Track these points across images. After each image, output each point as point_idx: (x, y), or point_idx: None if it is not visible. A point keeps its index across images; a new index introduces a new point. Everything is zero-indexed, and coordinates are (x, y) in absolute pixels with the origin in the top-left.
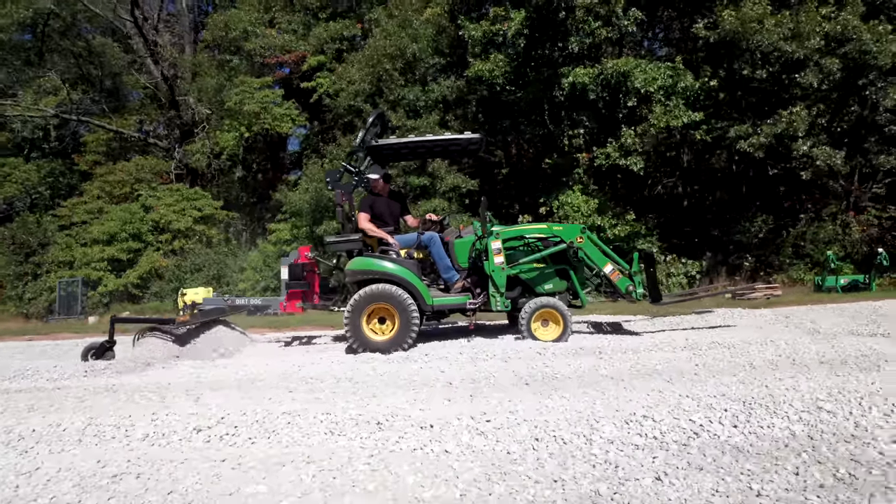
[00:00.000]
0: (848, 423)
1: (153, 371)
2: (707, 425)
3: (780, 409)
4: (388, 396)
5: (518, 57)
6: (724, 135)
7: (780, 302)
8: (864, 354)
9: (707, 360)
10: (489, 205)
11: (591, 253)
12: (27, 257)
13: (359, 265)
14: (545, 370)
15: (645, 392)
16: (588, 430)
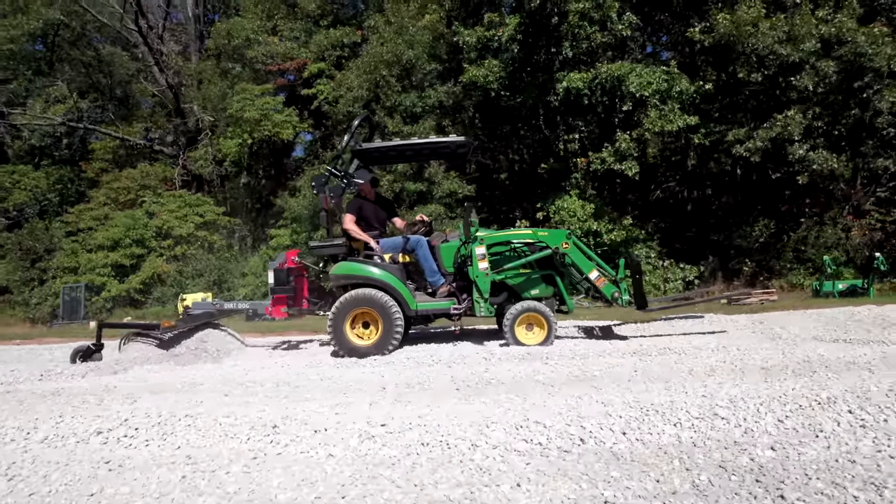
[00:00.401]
0: (737, 430)
1: (115, 375)
2: (597, 432)
3: (676, 415)
4: (316, 401)
5: (514, 62)
6: (722, 139)
7: (771, 307)
8: (808, 360)
9: (650, 365)
10: (476, 210)
11: (577, 259)
12: (33, 263)
13: (343, 270)
14: (483, 375)
15: (565, 398)
16: (477, 436)
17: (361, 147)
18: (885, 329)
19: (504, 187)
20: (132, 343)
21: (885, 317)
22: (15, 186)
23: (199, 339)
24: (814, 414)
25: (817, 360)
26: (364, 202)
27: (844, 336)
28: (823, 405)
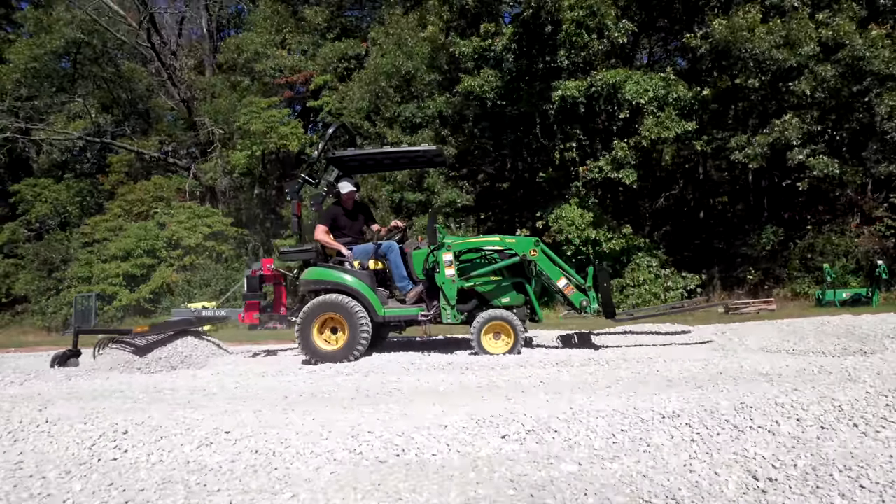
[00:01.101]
0: (561, 444)
1: (60, 383)
2: (424, 443)
3: (510, 427)
4: (208, 408)
5: (510, 72)
6: (724, 145)
7: (766, 317)
8: (721, 372)
9: (561, 376)
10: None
11: (545, 266)
12: (50, 273)
13: (312, 275)
14: (393, 385)
15: (442, 408)
16: (309, 445)
17: (335, 155)
18: (841, 338)
19: (504, 196)
20: (109, 349)
21: (855, 327)
22: (37, 199)
23: (176, 346)
24: (651, 428)
25: (731, 372)
26: (340, 211)
27: (795, 347)
28: (666, 419)
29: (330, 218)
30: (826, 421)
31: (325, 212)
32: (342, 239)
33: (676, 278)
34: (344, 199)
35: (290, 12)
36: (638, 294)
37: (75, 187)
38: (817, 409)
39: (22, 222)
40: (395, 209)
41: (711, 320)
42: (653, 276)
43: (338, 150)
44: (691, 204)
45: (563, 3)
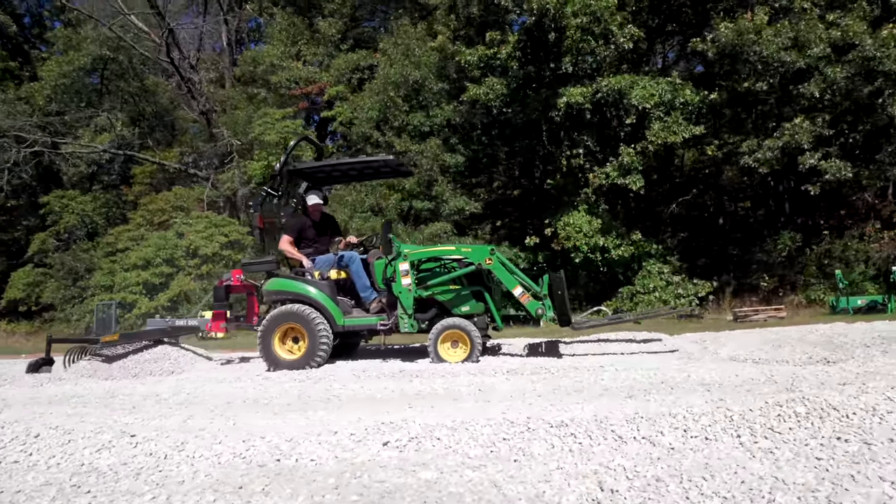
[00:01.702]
0: (433, 453)
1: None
2: (309, 449)
3: (397, 434)
4: (151, 413)
5: (517, 80)
6: (735, 150)
7: (773, 324)
8: (664, 382)
9: (497, 384)
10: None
11: (500, 275)
12: (74, 282)
13: (274, 286)
14: (337, 392)
15: (363, 414)
16: (202, 448)
17: (296, 167)
18: (816, 347)
19: (513, 204)
20: (81, 358)
21: (838, 336)
22: (64, 210)
23: (148, 355)
24: (536, 437)
25: (673, 382)
26: (307, 222)
27: (765, 356)
28: (554, 428)
29: (296, 229)
30: (713, 431)
31: (292, 223)
32: (306, 250)
33: (687, 285)
34: (310, 210)
35: (306, 24)
36: (647, 301)
37: (101, 198)
38: (708, 419)
39: (51, 233)
40: (404, 217)
41: (721, 328)
42: (664, 283)
43: (298, 163)
44: (711, 209)
45: (567, 9)
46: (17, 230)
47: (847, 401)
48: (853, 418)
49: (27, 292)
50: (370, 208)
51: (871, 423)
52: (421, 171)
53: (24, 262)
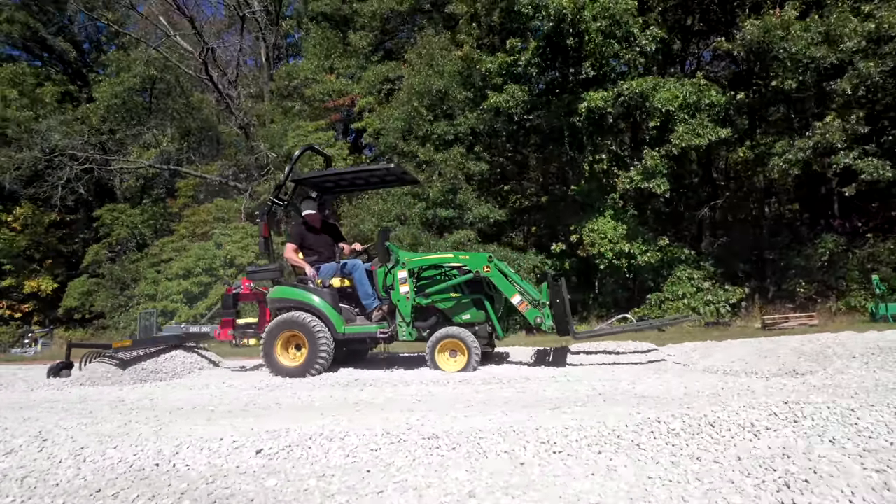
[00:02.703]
0: (298, 462)
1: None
2: (187, 455)
3: (274, 442)
4: (101, 416)
5: (538, 86)
6: (767, 151)
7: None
8: (630, 391)
9: (453, 394)
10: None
11: (499, 283)
12: (122, 291)
13: (278, 294)
14: (288, 400)
15: (276, 423)
16: (97, 454)
17: (299, 177)
18: (800, 359)
19: (540, 210)
20: (96, 362)
21: (838, 346)
22: (115, 223)
23: (161, 359)
24: (402, 449)
25: (616, 394)
26: (307, 231)
27: (741, 368)
28: (426, 440)
29: (298, 237)
30: (577, 447)
31: (293, 231)
32: (311, 258)
33: (717, 291)
34: (307, 220)
35: (339, 38)
36: (675, 308)
37: (149, 211)
38: (581, 434)
39: (104, 245)
40: (427, 226)
41: (748, 335)
42: (693, 290)
43: (303, 173)
44: (752, 213)
45: (585, 14)
46: (75, 243)
47: (728, 417)
48: (725, 434)
49: (81, 301)
50: (396, 217)
51: (740, 439)
52: (444, 179)
53: (79, 272)
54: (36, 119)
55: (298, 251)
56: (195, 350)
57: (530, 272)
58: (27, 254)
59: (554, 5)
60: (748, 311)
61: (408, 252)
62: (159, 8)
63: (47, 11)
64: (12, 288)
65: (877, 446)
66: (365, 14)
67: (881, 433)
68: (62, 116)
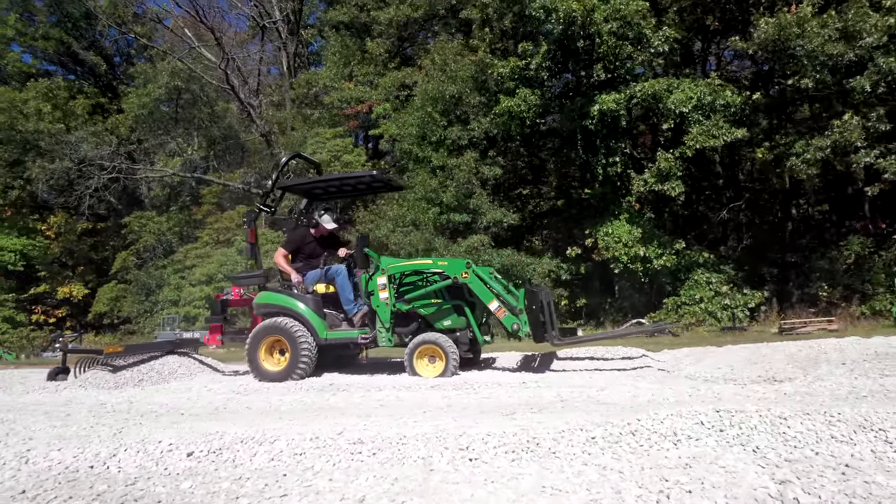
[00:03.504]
0: (220, 465)
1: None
2: (123, 458)
3: (207, 445)
4: (53, 421)
5: (550, 90)
6: (786, 152)
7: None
8: (564, 399)
9: (414, 400)
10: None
11: (476, 289)
12: (147, 296)
13: (262, 299)
14: (259, 404)
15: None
16: (40, 456)
17: (288, 185)
18: (790, 365)
19: (554, 214)
20: (90, 368)
21: (836, 353)
22: (142, 230)
23: (153, 364)
24: (326, 454)
25: (570, 400)
26: (307, 237)
27: (723, 375)
28: (352, 444)
29: (294, 243)
30: (493, 454)
31: (292, 237)
32: (297, 264)
33: (735, 296)
34: (321, 230)
35: (357, 46)
36: (692, 313)
37: (175, 218)
38: (503, 440)
39: (131, 251)
40: (441, 230)
41: (762, 340)
42: (711, 294)
43: (289, 180)
44: (779, 214)
45: (595, 16)
46: (105, 250)
47: (652, 425)
48: (644, 443)
49: (110, 306)
50: (412, 222)
51: (657, 449)
52: (458, 184)
53: (108, 278)
54: (68, 131)
55: (289, 257)
56: (191, 355)
57: (545, 276)
58: (61, 261)
59: (564, 8)
60: (767, 315)
61: (390, 258)
62: (185, 21)
63: (80, 27)
64: (47, 294)
65: (800, 456)
66: (382, 22)
67: (809, 442)
68: (92, 128)
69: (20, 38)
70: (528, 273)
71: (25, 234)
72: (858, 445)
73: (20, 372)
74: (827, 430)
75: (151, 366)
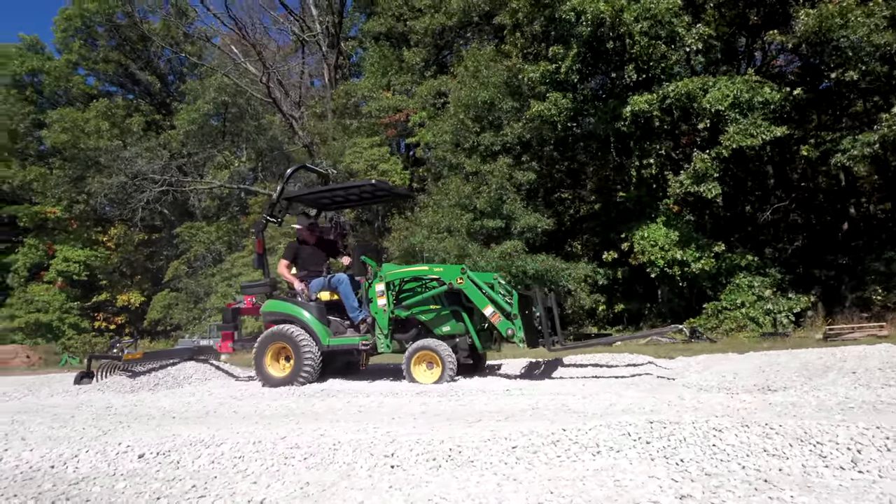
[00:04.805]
0: (160, 468)
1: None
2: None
3: (159, 448)
4: (46, 422)
5: (581, 92)
6: (833, 148)
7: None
8: (536, 408)
9: (387, 405)
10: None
11: (472, 294)
12: (196, 304)
13: (268, 307)
14: (228, 408)
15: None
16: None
17: (293, 195)
18: (795, 373)
19: (590, 218)
20: (110, 373)
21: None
22: (193, 240)
23: (171, 370)
24: (261, 457)
25: (542, 408)
26: (301, 246)
27: (717, 384)
28: (290, 449)
29: (291, 253)
30: (405, 459)
31: (287, 247)
32: (301, 272)
33: (779, 300)
34: (304, 235)
35: (395, 56)
36: (733, 318)
37: (224, 228)
38: (423, 447)
39: (183, 260)
40: (474, 236)
41: (806, 346)
42: (754, 298)
43: (294, 191)
44: (831, 214)
45: (625, 16)
46: (160, 259)
47: (575, 436)
48: (562, 454)
49: (163, 314)
50: (446, 229)
51: (573, 460)
52: (491, 189)
53: (162, 287)
54: (124, 147)
55: (291, 266)
56: (208, 362)
57: (581, 282)
58: (120, 270)
59: (592, 10)
60: (814, 320)
61: (388, 265)
62: (231, 38)
63: (137, 49)
64: (107, 302)
65: (723, 470)
66: (418, 31)
67: (738, 455)
68: (146, 143)
69: (83, 62)
70: (562, 279)
71: (88, 245)
72: (791, 459)
73: (60, 376)
74: (761, 443)
75: (168, 371)
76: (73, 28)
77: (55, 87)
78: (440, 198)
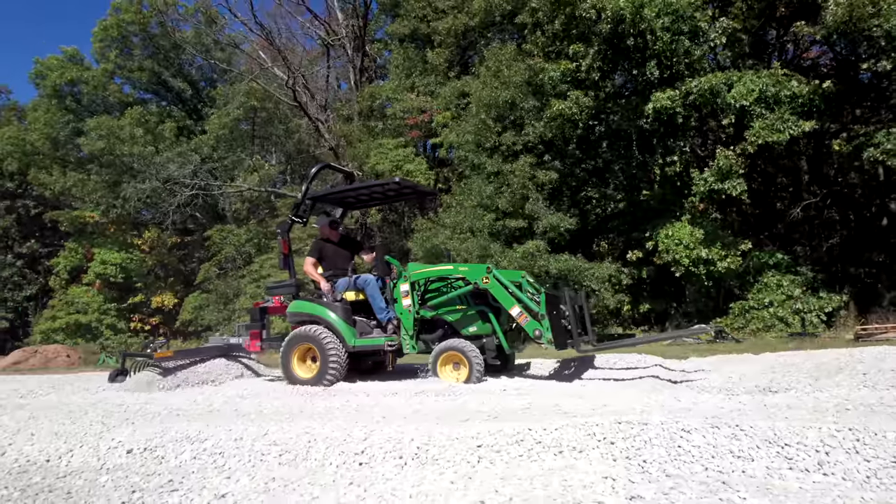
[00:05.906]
0: (150, 465)
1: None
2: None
3: (149, 443)
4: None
5: (603, 90)
6: (867, 143)
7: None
8: (550, 407)
9: (382, 404)
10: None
11: (498, 294)
12: (225, 305)
13: (295, 308)
14: (229, 407)
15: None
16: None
17: (318, 194)
18: (803, 374)
19: (615, 217)
20: (143, 371)
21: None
22: (223, 242)
23: (199, 369)
24: (239, 454)
25: (542, 409)
26: (325, 244)
27: (726, 385)
28: (268, 447)
29: (316, 251)
30: (373, 457)
31: (312, 245)
32: (328, 271)
33: (809, 299)
34: (325, 233)
35: (419, 57)
36: (760, 318)
37: (253, 230)
38: (392, 445)
39: (214, 262)
40: (496, 236)
41: (838, 345)
42: (783, 298)
43: (319, 190)
44: (871, 210)
45: (646, 12)
46: (192, 262)
47: (539, 436)
48: (524, 454)
49: (194, 315)
50: (469, 229)
51: (533, 460)
52: (513, 189)
53: (194, 288)
54: (157, 152)
55: (317, 265)
56: (238, 359)
57: (604, 281)
58: (154, 272)
59: (612, 6)
60: (846, 320)
61: (414, 264)
62: (259, 43)
63: (169, 57)
64: (142, 303)
65: (686, 472)
66: (441, 32)
67: (703, 457)
68: (178, 149)
69: (119, 71)
70: (586, 279)
71: (124, 248)
72: (756, 461)
73: (87, 375)
74: (728, 445)
75: (196, 369)
76: (111, 38)
77: (93, 96)
78: (462, 198)
